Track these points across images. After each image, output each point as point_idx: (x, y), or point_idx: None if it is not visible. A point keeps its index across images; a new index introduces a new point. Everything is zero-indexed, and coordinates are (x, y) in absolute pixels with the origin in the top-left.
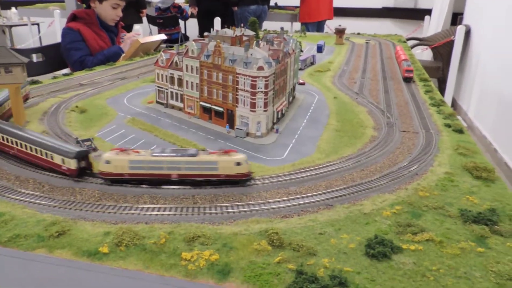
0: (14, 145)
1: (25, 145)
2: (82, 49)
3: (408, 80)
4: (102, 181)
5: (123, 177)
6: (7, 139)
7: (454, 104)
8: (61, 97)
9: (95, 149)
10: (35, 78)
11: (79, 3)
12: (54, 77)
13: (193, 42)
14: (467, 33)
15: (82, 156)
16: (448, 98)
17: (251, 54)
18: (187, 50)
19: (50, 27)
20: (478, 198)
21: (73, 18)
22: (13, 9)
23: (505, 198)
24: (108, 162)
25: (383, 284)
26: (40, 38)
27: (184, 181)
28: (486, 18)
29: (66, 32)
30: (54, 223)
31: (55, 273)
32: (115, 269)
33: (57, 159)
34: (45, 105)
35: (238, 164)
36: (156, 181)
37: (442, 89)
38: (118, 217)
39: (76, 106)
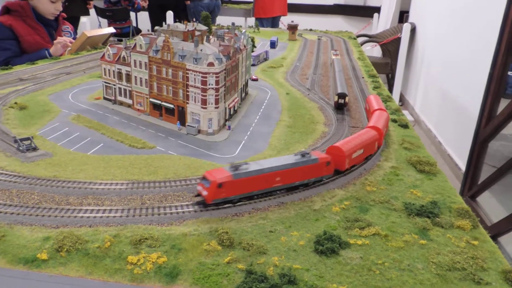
0: None
1: None
2: (11, 49)
3: None
4: None
5: None
6: None
7: (402, 99)
8: None
9: (35, 149)
10: None
11: None
12: None
13: (141, 36)
14: (413, 30)
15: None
16: (396, 93)
17: (201, 50)
18: (135, 44)
19: None
20: (421, 191)
21: (5, 11)
22: None
23: (446, 191)
24: None
25: (331, 280)
26: None
27: None
28: (429, 16)
29: None
30: None
31: None
32: (54, 277)
33: None
34: None
35: None
36: None
37: (391, 84)
38: (59, 220)
39: (15, 103)
